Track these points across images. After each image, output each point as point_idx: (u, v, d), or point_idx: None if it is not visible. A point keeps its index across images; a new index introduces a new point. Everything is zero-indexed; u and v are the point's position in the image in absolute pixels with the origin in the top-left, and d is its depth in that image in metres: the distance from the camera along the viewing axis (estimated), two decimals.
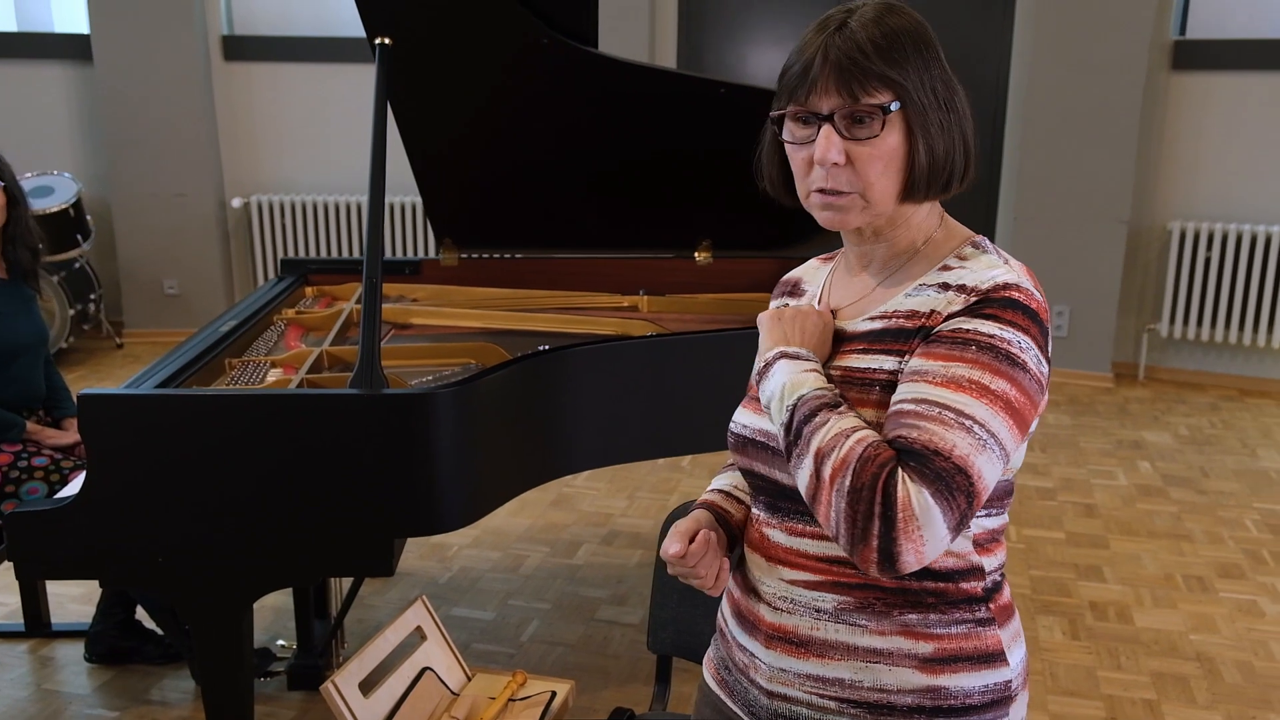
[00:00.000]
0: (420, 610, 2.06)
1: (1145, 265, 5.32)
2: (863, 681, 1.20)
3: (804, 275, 1.41)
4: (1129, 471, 4.22)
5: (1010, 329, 1.11)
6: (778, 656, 1.26)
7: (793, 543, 1.25)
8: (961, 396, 1.08)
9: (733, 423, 1.35)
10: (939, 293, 1.18)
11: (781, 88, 1.21)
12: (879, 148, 1.16)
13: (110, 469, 1.94)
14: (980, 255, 1.22)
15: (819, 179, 1.18)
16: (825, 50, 1.16)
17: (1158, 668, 2.85)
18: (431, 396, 1.95)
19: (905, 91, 1.16)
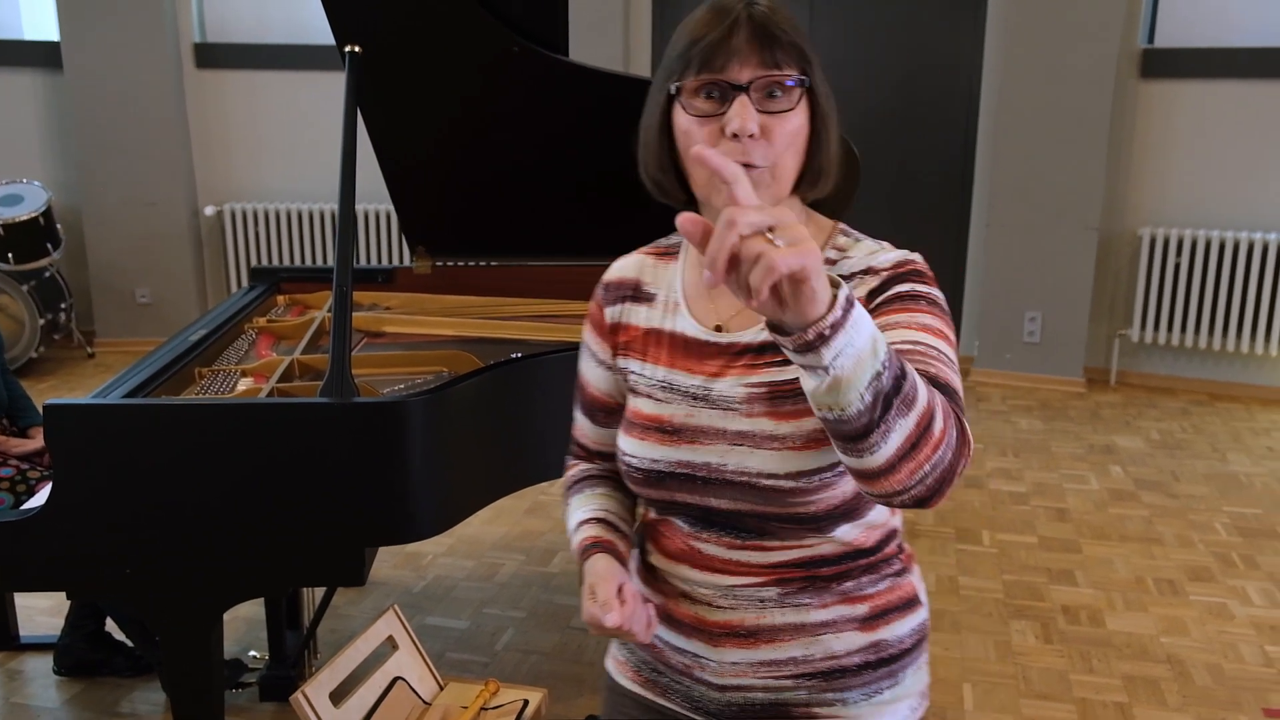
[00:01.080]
0: (392, 619, 2.05)
1: (1116, 271, 5.37)
2: (814, 654, 1.26)
3: (641, 275, 1.34)
4: (1101, 476, 4.25)
5: (934, 287, 1.20)
6: (728, 652, 1.27)
7: (732, 555, 1.25)
8: (941, 342, 1.14)
9: (632, 457, 1.26)
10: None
11: (683, 59, 1.16)
12: (791, 122, 1.15)
13: (77, 479, 1.92)
14: (857, 243, 1.26)
15: (730, 153, 1.12)
16: (748, 19, 1.14)
17: (1129, 670, 2.87)
18: (402, 405, 1.94)
19: (812, 70, 1.16)
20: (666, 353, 1.28)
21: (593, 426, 1.39)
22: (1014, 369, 5.43)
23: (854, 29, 5.54)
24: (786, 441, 1.18)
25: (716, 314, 1.26)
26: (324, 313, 2.87)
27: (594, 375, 1.37)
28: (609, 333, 1.34)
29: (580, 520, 1.35)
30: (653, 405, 1.27)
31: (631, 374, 1.31)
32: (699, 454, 1.22)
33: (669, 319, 1.29)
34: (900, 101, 5.56)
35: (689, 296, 1.29)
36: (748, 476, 1.20)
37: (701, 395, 1.24)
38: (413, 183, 2.87)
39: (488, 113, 2.65)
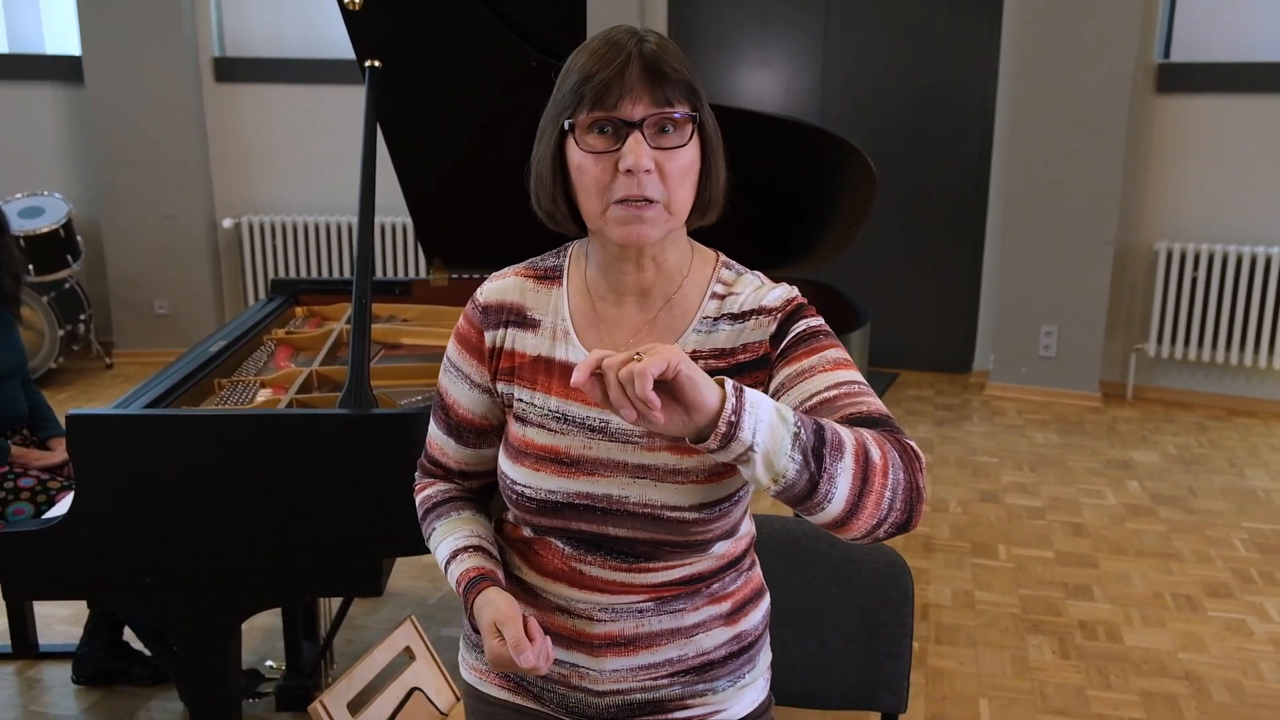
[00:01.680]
0: (409, 630, 2.06)
1: (1132, 285, 5.35)
2: (688, 654, 1.32)
3: (523, 300, 1.29)
4: (1117, 491, 4.23)
5: (817, 319, 1.26)
6: (608, 661, 1.31)
7: (615, 576, 1.28)
8: (849, 372, 1.21)
9: (526, 488, 1.26)
10: (736, 324, 1.25)
11: (574, 97, 1.17)
12: (684, 157, 1.17)
13: (98, 489, 1.94)
14: (740, 277, 1.30)
15: (625, 188, 1.15)
16: (638, 57, 1.15)
17: (1147, 687, 2.85)
18: (420, 416, 1.95)
19: (701, 105, 1.19)
20: (557, 382, 1.27)
21: (458, 447, 1.37)
22: (1029, 383, 5.42)
23: (869, 43, 5.55)
24: (690, 475, 1.22)
25: (610, 343, 1.26)
26: (342, 324, 2.89)
27: (465, 397, 1.33)
28: (487, 357, 1.30)
29: (456, 549, 1.32)
30: (546, 435, 1.26)
31: (519, 401, 1.29)
32: (599, 486, 1.24)
33: (559, 347, 1.27)
34: (915, 115, 5.56)
35: (578, 325, 1.27)
36: (651, 509, 1.22)
37: (599, 427, 1.24)
38: (430, 196, 2.90)
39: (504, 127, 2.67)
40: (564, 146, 1.20)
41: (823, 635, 1.77)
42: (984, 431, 4.94)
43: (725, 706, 1.35)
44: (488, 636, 1.23)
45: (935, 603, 3.30)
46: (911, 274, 5.75)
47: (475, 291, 1.34)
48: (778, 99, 5.71)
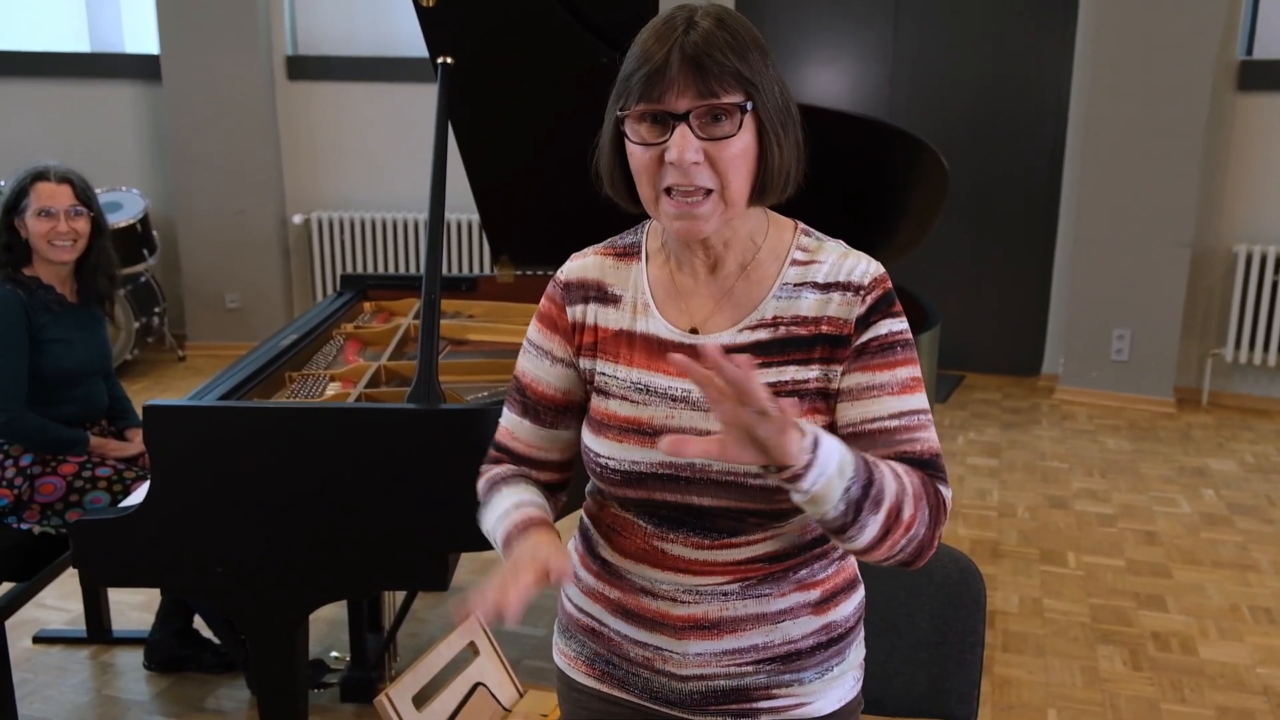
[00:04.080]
0: (474, 626, 2.07)
1: (1209, 289, 5.21)
2: (773, 641, 1.31)
3: (603, 276, 1.32)
4: (1192, 499, 4.12)
5: (902, 318, 1.25)
6: (691, 644, 1.30)
7: (698, 555, 1.28)
8: (916, 396, 1.23)
9: (610, 459, 1.26)
10: (821, 293, 1.24)
11: (625, 88, 1.18)
12: (735, 146, 1.16)
13: (174, 479, 1.97)
14: (821, 245, 1.28)
15: (673, 177, 1.16)
16: (680, 49, 1.14)
17: (1223, 701, 2.77)
18: (487, 412, 1.96)
19: (756, 90, 1.16)
20: (639, 354, 1.28)
21: (533, 428, 1.36)
22: (1101, 387, 5.30)
23: (939, 40, 5.47)
24: None
25: (690, 316, 1.27)
26: (409, 320, 2.91)
27: (546, 373, 1.34)
28: (570, 332, 1.33)
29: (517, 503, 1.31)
30: (629, 407, 1.27)
31: (600, 375, 1.30)
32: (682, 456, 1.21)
33: (639, 320, 1.29)
34: (985, 113, 5.47)
35: (658, 298, 1.29)
36: (734, 476, 1.22)
37: (680, 397, 1.25)
38: (498, 192, 2.91)
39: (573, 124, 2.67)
40: (622, 133, 1.21)
41: (891, 641, 1.74)
42: (1053, 436, 4.84)
43: (812, 700, 1.33)
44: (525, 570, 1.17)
45: (1002, 610, 3.24)
46: (980, 274, 5.66)
47: (557, 272, 1.35)
48: (845, 96, 5.65)
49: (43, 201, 2.56)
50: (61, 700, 2.76)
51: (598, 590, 1.36)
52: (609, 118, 1.22)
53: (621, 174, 1.24)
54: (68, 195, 2.59)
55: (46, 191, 2.57)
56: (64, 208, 2.58)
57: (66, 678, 2.86)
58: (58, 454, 2.57)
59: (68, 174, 2.63)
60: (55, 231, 2.56)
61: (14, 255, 2.58)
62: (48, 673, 2.88)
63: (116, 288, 2.78)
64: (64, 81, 6.00)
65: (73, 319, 2.66)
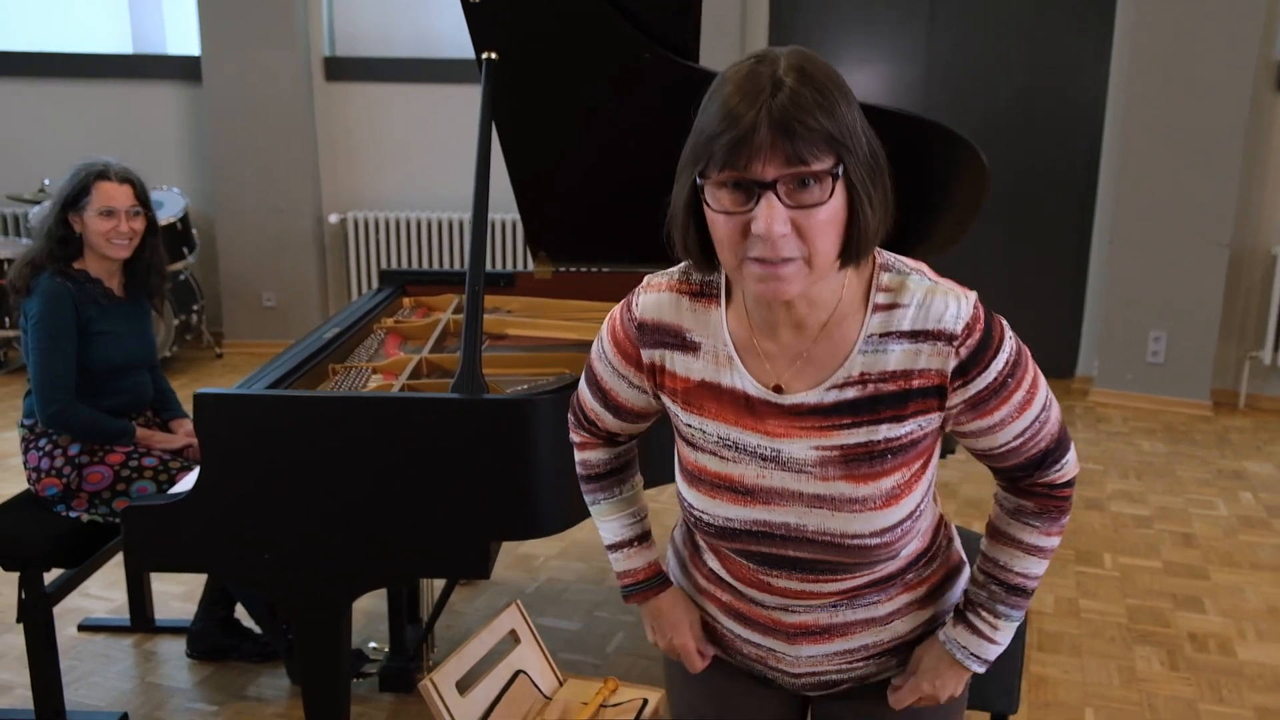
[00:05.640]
0: (515, 614, 2.09)
1: (1248, 290, 5.17)
2: (883, 639, 1.36)
3: (681, 321, 1.26)
4: (1229, 502, 4.09)
5: (1004, 344, 1.20)
6: (803, 648, 1.35)
7: (805, 586, 1.31)
8: (1033, 406, 1.23)
9: (705, 514, 1.28)
10: (908, 343, 1.17)
11: (705, 152, 1.09)
12: (824, 213, 1.08)
13: (223, 466, 2.01)
14: (904, 281, 1.19)
15: (758, 249, 1.09)
16: (768, 112, 1.05)
17: (1262, 702, 2.75)
18: (531, 402, 1.98)
19: (847, 151, 1.09)
20: (728, 409, 1.24)
21: (617, 420, 1.40)
22: (1136, 389, 5.27)
23: (975, 38, 5.46)
24: (868, 504, 1.20)
25: (774, 373, 1.22)
26: (449, 315, 2.94)
27: (626, 393, 1.35)
28: (647, 371, 1.30)
29: (621, 540, 1.47)
30: (719, 463, 1.25)
31: (687, 426, 1.28)
32: (775, 514, 1.24)
33: (724, 374, 1.24)
34: (1021, 112, 5.45)
35: (740, 349, 1.23)
36: (830, 537, 1.22)
37: (770, 456, 1.22)
38: (538, 188, 2.93)
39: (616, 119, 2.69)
40: (698, 195, 1.13)
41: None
42: (1088, 438, 4.81)
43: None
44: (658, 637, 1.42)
45: (1037, 609, 3.23)
46: (1015, 275, 5.63)
47: (632, 297, 1.30)
48: (880, 96, 5.64)
49: (106, 201, 2.61)
50: (106, 687, 2.81)
51: (709, 591, 1.41)
52: (683, 178, 1.14)
53: (697, 238, 1.16)
54: (129, 195, 2.64)
55: (110, 191, 2.61)
56: (125, 208, 2.63)
57: (110, 665, 2.91)
58: (105, 445, 2.62)
59: (128, 174, 2.68)
60: (117, 231, 2.62)
61: (68, 250, 2.63)
62: (92, 660, 2.93)
63: (166, 284, 2.83)
64: (107, 83, 6.09)
65: (120, 312, 2.71)
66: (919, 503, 1.25)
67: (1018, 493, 1.31)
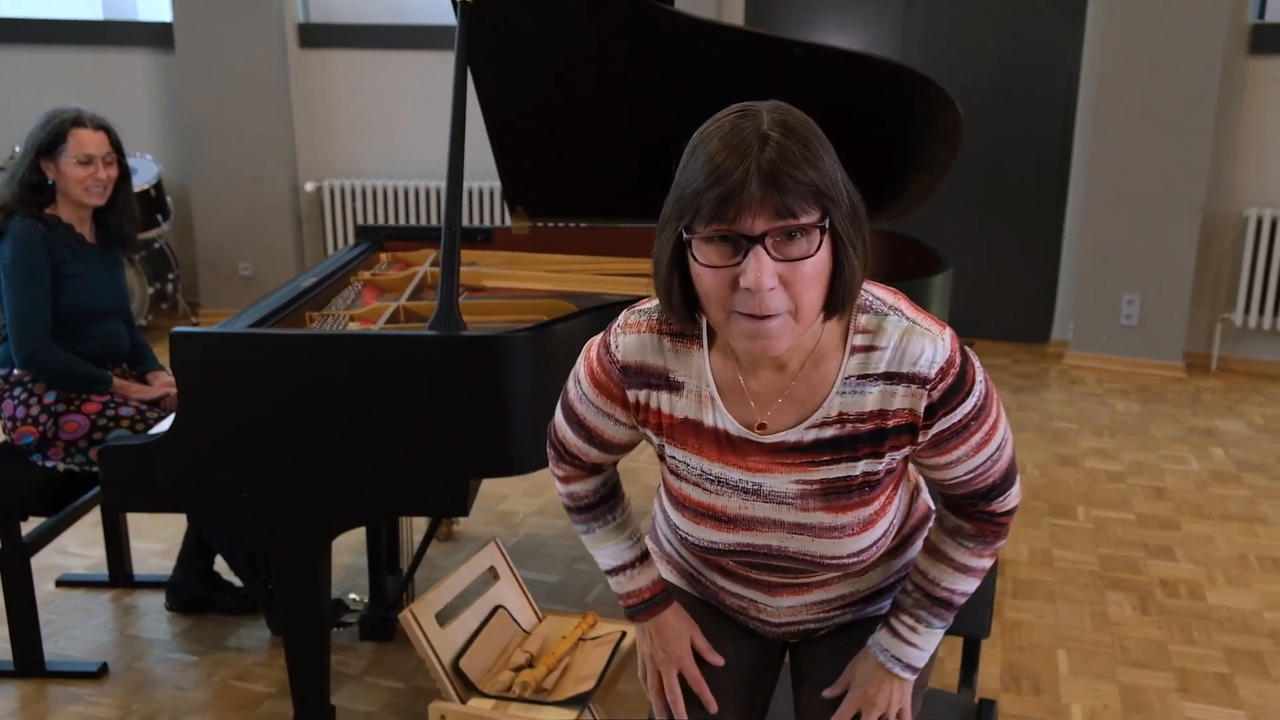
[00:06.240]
0: (493, 551, 2.11)
1: (1219, 253, 5.22)
2: (860, 589, 1.44)
3: (665, 363, 1.27)
4: (1201, 457, 4.14)
5: (974, 389, 1.23)
6: (784, 599, 1.42)
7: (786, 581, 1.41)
8: (990, 445, 1.28)
9: (691, 536, 1.34)
10: (885, 385, 1.21)
11: (692, 206, 1.09)
12: (811, 266, 1.10)
13: (199, 405, 2.01)
14: (880, 322, 1.22)
15: (745, 304, 1.10)
16: (756, 167, 1.06)
17: (1231, 643, 2.80)
18: (509, 339, 1.99)
19: (832, 203, 1.10)
20: (709, 446, 1.28)
21: (602, 453, 1.41)
22: (1110, 352, 5.32)
23: (951, 5, 5.47)
24: (846, 530, 1.28)
25: (758, 411, 1.25)
26: (426, 267, 2.94)
27: (612, 430, 1.35)
28: (632, 409, 1.31)
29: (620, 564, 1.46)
30: (702, 494, 1.30)
31: (671, 458, 1.32)
32: (758, 538, 1.31)
33: (707, 413, 1.27)
34: (997, 79, 5.48)
35: (722, 390, 1.26)
36: (811, 558, 1.31)
37: (752, 490, 1.28)
38: (516, 141, 2.93)
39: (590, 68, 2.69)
40: (683, 249, 1.14)
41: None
42: (1062, 399, 4.86)
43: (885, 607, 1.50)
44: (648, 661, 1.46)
45: (1012, 559, 3.27)
46: (991, 241, 5.67)
47: (609, 338, 1.30)
48: None
49: (82, 148, 2.59)
50: (85, 640, 2.81)
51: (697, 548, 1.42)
52: (666, 233, 1.14)
53: (682, 293, 1.17)
54: (104, 143, 2.63)
55: (85, 138, 2.60)
56: (101, 155, 2.62)
57: (89, 618, 2.91)
58: (82, 392, 2.61)
59: (102, 121, 2.67)
60: (94, 178, 2.60)
61: (40, 197, 2.61)
62: (71, 614, 2.93)
63: (137, 231, 2.81)
64: (77, 49, 6.02)
65: (93, 257, 2.70)
66: (890, 523, 1.33)
67: (958, 514, 1.36)
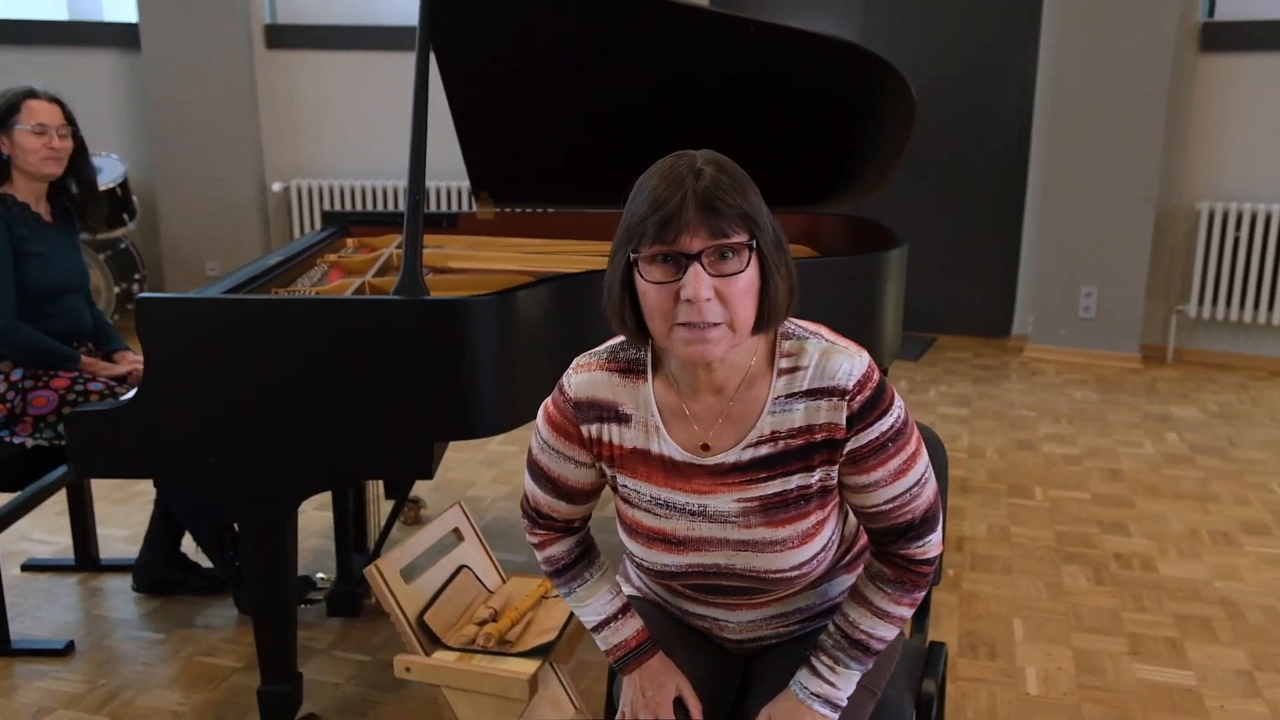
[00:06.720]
0: (458, 513, 2.14)
1: (1173, 246, 5.34)
2: (815, 603, 1.51)
3: (614, 396, 1.40)
4: (1156, 441, 4.24)
5: (891, 408, 1.34)
6: (744, 614, 1.50)
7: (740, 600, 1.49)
8: (909, 475, 1.36)
9: (645, 560, 1.43)
10: (809, 401, 1.34)
11: (638, 231, 1.25)
12: (743, 281, 1.25)
13: (166, 370, 2.03)
14: (802, 345, 1.36)
15: (686, 314, 1.24)
16: (694, 196, 1.23)
17: (1181, 610, 2.88)
18: (471, 302, 2.03)
19: (758, 227, 1.26)
20: (656, 473, 1.39)
21: (571, 506, 1.50)
22: (1069, 345, 5.43)
23: (911, 6, 5.57)
24: (787, 544, 1.37)
25: (700, 433, 1.37)
26: (391, 249, 2.98)
27: (574, 475, 1.46)
28: (588, 444, 1.42)
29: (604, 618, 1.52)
30: (652, 519, 1.41)
31: (623, 486, 1.43)
32: (707, 558, 1.41)
33: (653, 441, 1.39)
34: (956, 78, 5.58)
35: (665, 419, 1.39)
36: (756, 573, 1.40)
37: (698, 511, 1.38)
38: (480, 125, 2.97)
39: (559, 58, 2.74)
40: (631, 271, 1.29)
41: None
42: (1022, 389, 4.95)
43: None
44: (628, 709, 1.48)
45: (971, 536, 3.34)
46: (951, 237, 5.77)
47: (563, 381, 1.43)
48: None
49: (36, 117, 2.61)
50: (52, 620, 2.81)
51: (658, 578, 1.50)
52: (616, 259, 1.30)
53: (632, 311, 1.31)
54: (58, 114, 2.66)
55: (39, 109, 2.62)
56: (56, 125, 2.64)
57: (55, 600, 2.91)
58: (50, 369, 2.62)
59: (55, 94, 2.70)
60: (49, 147, 2.62)
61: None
62: (36, 596, 2.93)
63: (98, 205, 2.83)
64: (42, 50, 6.02)
65: (51, 235, 2.72)
66: (829, 538, 1.41)
67: (881, 559, 1.44)
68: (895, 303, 2.89)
